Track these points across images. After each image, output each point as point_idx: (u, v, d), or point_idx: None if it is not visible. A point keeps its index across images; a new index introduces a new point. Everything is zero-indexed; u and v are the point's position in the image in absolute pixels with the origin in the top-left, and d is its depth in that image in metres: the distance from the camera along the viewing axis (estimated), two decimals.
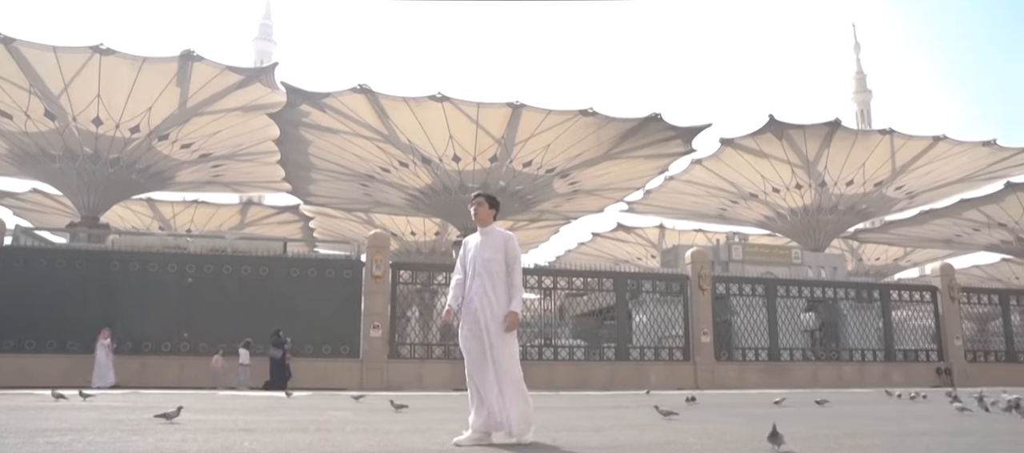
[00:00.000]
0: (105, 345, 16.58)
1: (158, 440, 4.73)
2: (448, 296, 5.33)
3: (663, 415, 7.01)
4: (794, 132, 35.36)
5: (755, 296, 22.65)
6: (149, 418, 6.34)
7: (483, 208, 5.33)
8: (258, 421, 6.40)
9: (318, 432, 5.53)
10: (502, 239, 5.21)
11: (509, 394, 4.81)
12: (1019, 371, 23.56)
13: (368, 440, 5.02)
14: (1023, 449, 4.97)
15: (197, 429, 5.49)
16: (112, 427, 5.51)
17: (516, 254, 5.18)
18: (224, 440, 4.80)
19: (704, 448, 4.65)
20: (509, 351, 4.93)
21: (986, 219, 41.41)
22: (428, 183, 34.37)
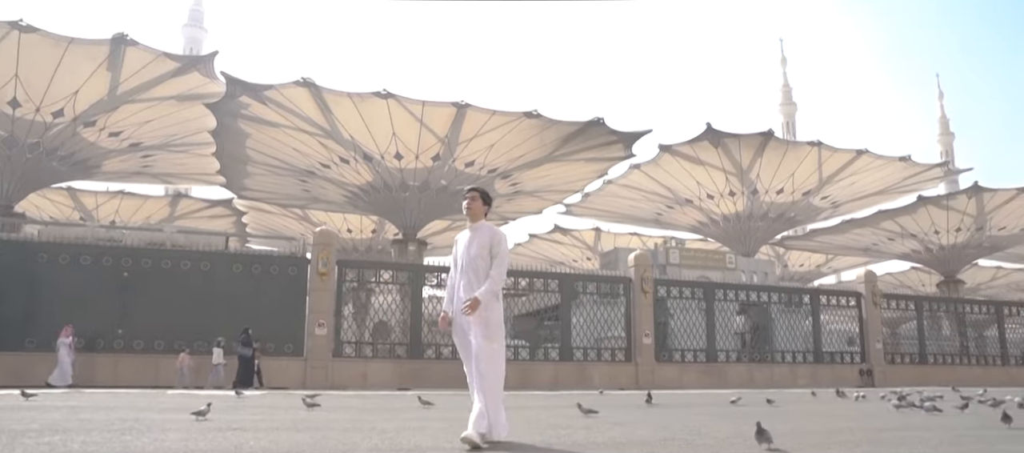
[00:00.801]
0: (67, 343, 15.83)
1: (155, 439, 4.59)
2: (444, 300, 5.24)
3: (648, 402, 7.18)
4: (730, 141, 36.61)
5: (694, 299, 23.29)
6: (123, 418, 6.13)
7: (476, 203, 5.18)
8: (246, 420, 6.25)
9: (317, 431, 5.46)
10: (489, 235, 5.07)
11: (491, 396, 4.70)
12: (930, 372, 25.00)
13: (372, 439, 4.98)
14: (988, 443, 5.34)
15: (187, 428, 5.34)
16: (103, 427, 5.30)
17: (501, 249, 5.01)
18: (225, 440, 4.69)
19: (705, 446, 4.82)
20: (489, 353, 4.79)
21: (900, 229, 43.80)
22: (369, 180, 33.99)
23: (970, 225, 41.45)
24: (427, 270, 20.24)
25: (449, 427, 5.65)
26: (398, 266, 19.80)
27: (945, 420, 7.40)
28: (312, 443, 4.67)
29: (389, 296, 20.19)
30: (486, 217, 5.29)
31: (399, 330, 20.21)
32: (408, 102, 29.07)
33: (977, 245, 43.34)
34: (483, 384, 4.69)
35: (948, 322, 30.83)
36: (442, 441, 4.87)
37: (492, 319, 4.88)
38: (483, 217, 5.22)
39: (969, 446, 5.15)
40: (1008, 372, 26.47)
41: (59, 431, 4.99)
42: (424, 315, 19.54)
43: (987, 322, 29.17)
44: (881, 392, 16.26)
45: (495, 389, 4.74)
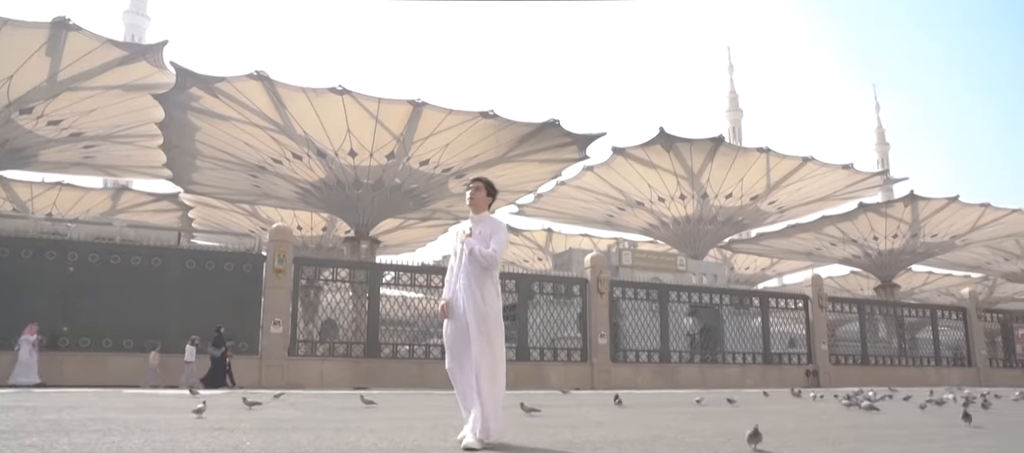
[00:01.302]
0: (30, 341, 15.12)
1: (148, 439, 4.46)
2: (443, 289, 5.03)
3: (617, 402, 7.27)
4: (682, 145, 37.31)
5: (649, 300, 23.67)
6: (92, 417, 5.92)
7: (480, 193, 5.02)
8: (233, 419, 6.11)
9: (308, 431, 5.38)
10: (491, 227, 4.92)
11: (488, 395, 4.57)
12: (871, 372, 26.00)
13: (371, 439, 4.93)
14: (955, 438, 5.60)
15: (172, 428, 5.19)
16: (80, 428, 5.12)
17: (501, 238, 4.89)
18: (218, 440, 4.59)
19: (698, 444, 4.93)
20: (492, 350, 4.66)
21: (842, 235, 45.38)
22: (321, 177, 33.47)
23: (906, 232, 43.19)
24: (385, 269, 20.04)
25: (434, 426, 5.63)
26: (356, 265, 19.56)
27: (910, 418, 7.73)
28: (310, 443, 4.60)
29: (346, 295, 19.98)
30: (490, 209, 5.15)
31: (351, 329, 19.93)
32: (364, 99, 28.73)
33: (912, 251, 45.19)
34: (483, 384, 4.54)
35: (884, 324, 32.10)
36: (437, 440, 4.85)
37: (491, 314, 4.72)
38: (487, 208, 5.08)
39: (941, 443, 5.39)
40: (940, 372, 27.66)
41: (35, 432, 4.80)
42: (381, 314, 19.38)
43: (921, 325, 30.45)
44: (834, 391, 16.82)
45: (498, 389, 4.63)
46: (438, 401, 9.76)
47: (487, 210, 5.08)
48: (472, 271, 4.75)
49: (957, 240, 44.39)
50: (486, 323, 4.69)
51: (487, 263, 4.76)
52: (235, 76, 27.29)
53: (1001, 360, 30.67)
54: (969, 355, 28.90)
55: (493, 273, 4.83)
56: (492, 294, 4.79)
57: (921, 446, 5.06)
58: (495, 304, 4.79)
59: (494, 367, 4.67)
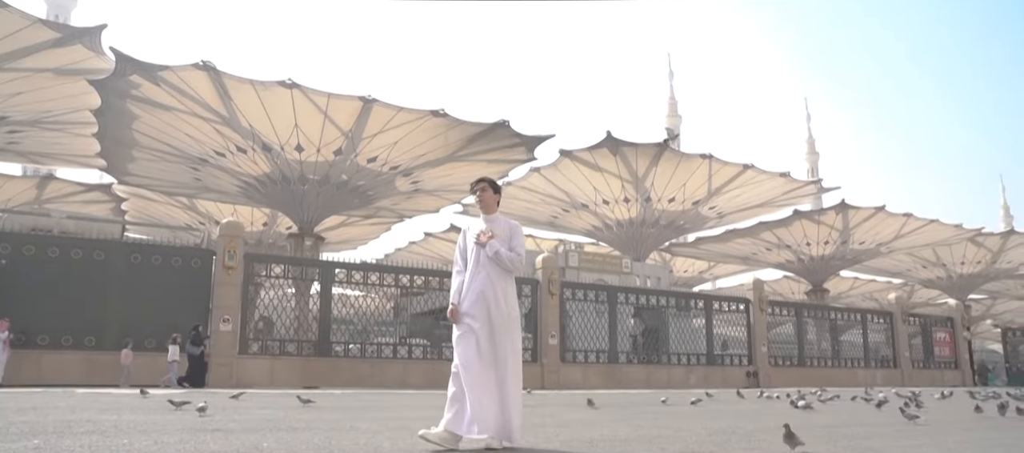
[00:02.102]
0: (2, 339, 14.28)
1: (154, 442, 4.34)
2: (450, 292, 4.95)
3: (590, 405, 7.39)
4: (627, 149, 37.98)
5: (598, 302, 24.04)
6: (67, 419, 5.70)
7: (488, 193, 4.99)
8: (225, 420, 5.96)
9: (316, 431, 5.30)
10: (507, 228, 4.90)
11: (513, 398, 4.57)
12: (807, 374, 27.08)
13: (383, 438, 4.91)
14: (894, 439, 5.95)
15: (163, 429, 5.05)
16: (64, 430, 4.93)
17: (519, 242, 4.92)
18: (228, 441, 4.50)
19: (693, 441, 5.08)
20: (516, 352, 4.69)
21: (777, 240, 47.03)
22: (266, 172, 32.72)
23: (837, 239, 45.07)
24: (338, 266, 19.77)
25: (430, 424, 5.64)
26: (309, 262, 19.21)
27: (878, 417, 8.14)
28: (321, 444, 4.57)
29: (288, 291, 19.61)
30: (498, 206, 5.10)
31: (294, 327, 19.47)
32: (313, 93, 28.21)
33: (842, 257, 47.18)
34: (511, 387, 4.56)
35: (814, 327, 33.43)
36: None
37: (515, 316, 4.75)
38: (496, 207, 5.05)
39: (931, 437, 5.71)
40: (869, 373, 29.04)
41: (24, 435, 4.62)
42: (333, 313, 19.12)
43: (850, 327, 31.83)
44: (775, 391, 17.46)
45: (520, 392, 4.67)
46: (385, 400, 9.71)
47: (497, 209, 5.04)
48: (494, 272, 4.72)
49: (882, 247, 46.55)
50: (512, 325, 4.70)
51: (513, 266, 4.78)
52: (179, 65, 26.40)
53: (921, 361, 32.35)
54: (894, 357, 30.39)
55: (512, 275, 4.83)
56: (513, 295, 4.81)
57: (896, 441, 5.36)
58: (516, 305, 4.82)
59: (519, 370, 4.70)
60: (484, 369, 4.59)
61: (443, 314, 24.26)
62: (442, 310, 25.50)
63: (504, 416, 4.52)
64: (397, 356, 19.96)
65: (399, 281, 20.70)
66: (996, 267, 53.62)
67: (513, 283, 4.81)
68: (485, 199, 4.99)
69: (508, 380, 4.58)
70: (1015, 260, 53.19)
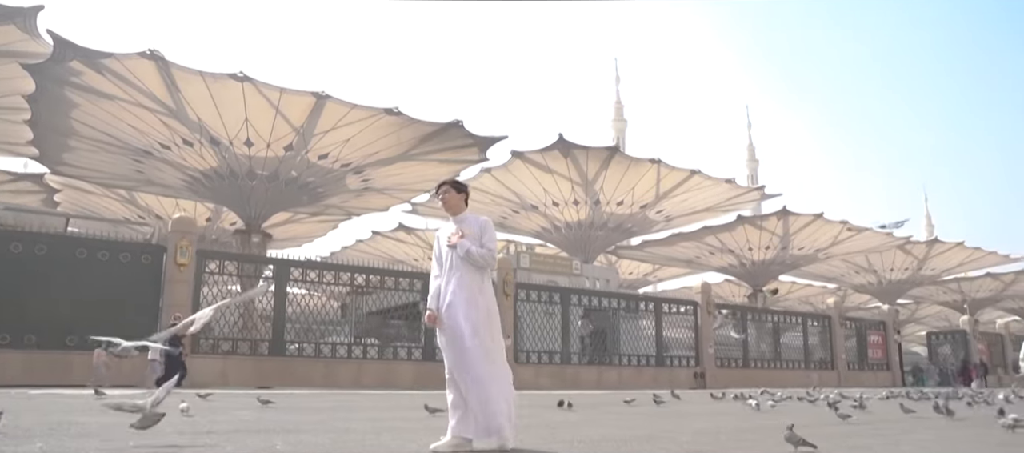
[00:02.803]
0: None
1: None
2: (428, 298, 4.95)
3: (564, 406, 7.50)
4: (578, 152, 38.41)
5: (551, 303, 24.29)
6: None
7: (451, 195, 4.94)
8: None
9: (312, 433, 5.25)
10: (478, 226, 4.82)
11: (495, 397, 4.48)
12: (751, 375, 27.96)
13: (388, 438, 4.90)
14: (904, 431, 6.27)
15: (157, 430, 4.93)
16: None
17: (493, 235, 4.86)
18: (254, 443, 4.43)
19: (686, 439, 5.24)
20: (492, 350, 4.60)
21: (721, 245, 48.28)
22: (213, 166, 31.88)
23: (777, 244, 46.54)
24: (293, 265, 19.45)
25: (422, 427, 5.67)
26: (263, 259, 18.83)
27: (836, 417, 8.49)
28: (332, 445, 4.55)
29: (228, 288, 19.21)
30: (466, 205, 5.05)
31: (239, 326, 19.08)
32: (265, 88, 27.65)
33: (781, 262, 48.75)
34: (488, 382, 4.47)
35: (755, 329, 34.49)
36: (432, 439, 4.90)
37: (494, 311, 4.70)
38: (464, 206, 5.00)
39: (893, 435, 6.02)
40: (808, 374, 30.09)
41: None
42: (287, 312, 18.79)
43: (788, 329, 32.94)
44: (733, 392, 17.94)
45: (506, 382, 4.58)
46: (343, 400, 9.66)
47: (465, 208, 5.00)
48: (467, 272, 4.67)
49: (820, 253, 48.30)
50: (492, 320, 4.67)
51: (484, 262, 4.70)
52: (125, 53, 25.49)
53: (856, 363, 33.73)
54: (832, 359, 31.60)
55: (487, 271, 4.77)
56: (489, 291, 4.76)
57: (872, 439, 5.64)
58: (494, 301, 4.77)
59: (500, 368, 4.63)
60: (466, 372, 4.59)
61: (393, 314, 24.24)
62: (392, 310, 25.51)
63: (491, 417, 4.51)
64: (351, 356, 19.75)
65: (354, 280, 20.51)
66: (921, 273, 56.27)
67: (489, 280, 4.79)
68: (449, 201, 4.95)
69: (488, 380, 4.52)
70: (938, 267, 55.96)
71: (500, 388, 4.60)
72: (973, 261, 55.03)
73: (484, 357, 4.58)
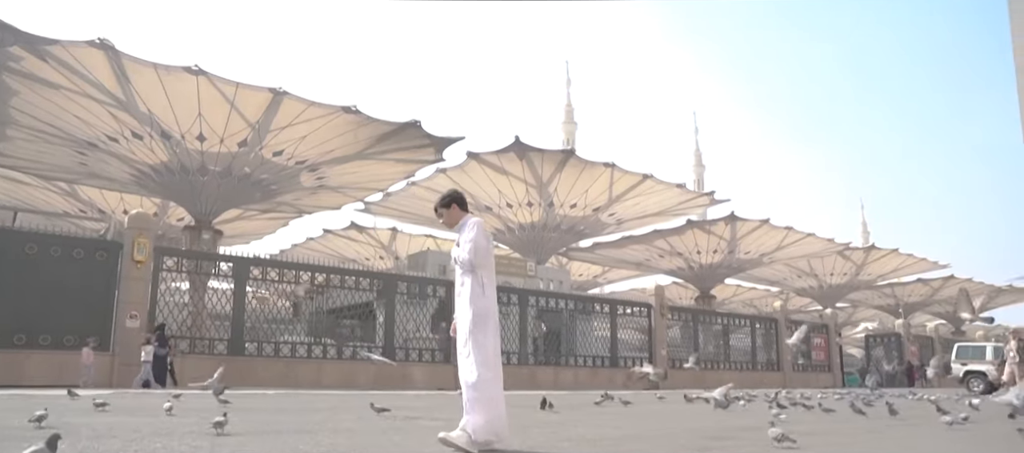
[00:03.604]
0: None
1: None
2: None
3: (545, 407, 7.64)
4: (534, 154, 38.78)
5: (510, 304, 24.49)
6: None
7: (444, 213, 5.01)
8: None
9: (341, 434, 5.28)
10: (466, 230, 4.86)
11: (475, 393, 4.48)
12: (702, 376, 28.55)
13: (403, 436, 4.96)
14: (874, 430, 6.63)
15: (172, 433, 4.89)
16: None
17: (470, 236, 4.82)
18: (280, 444, 4.46)
19: (678, 435, 5.45)
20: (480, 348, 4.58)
21: (670, 248, 49.29)
22: (163, 160, 31.05)
23: (725, 248, 47.80)
24: (254, 263, 19.16)
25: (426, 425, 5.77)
26: (224, 257, 18.47)
27: (813, 416, 8.89)
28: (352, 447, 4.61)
29: (194, 287, 18.89)
30: (464, 209, 5.05)
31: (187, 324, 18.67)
32: (221, 82, 27.10)
33: (728, 266, 50.07)
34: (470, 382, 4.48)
35: (702, 331, 35.38)
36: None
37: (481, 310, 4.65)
38: (461, 216, 4.98)
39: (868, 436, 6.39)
40: (756, 375, 31.06)
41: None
42: (247, 310, 18.50)
43: (735, 331, 33.90)
44: (694, 392, 18.40)
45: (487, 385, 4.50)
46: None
47: (463, 213, 5.00)
48: (461, 278, 4.80)
49: (765, 258, 49.80)
50: (485, 322, 4.64)
51: (464, 266, 4.76)
52: (72, 41, 24.66)
53: (801, 365, 34.92)
54: (778, 360, 32.65)
55: (478, 273, 4.76)
56: (478, 293, 4.72)
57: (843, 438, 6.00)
58: (482, 301, 4.70)
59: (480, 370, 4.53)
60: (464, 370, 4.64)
61: (345, 313, 24.00)
62: (344, 309, 25.33)
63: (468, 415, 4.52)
64: (311, 356, 19.57)
65: (314, 279, 20.31)
66: (859, 278, 58.56)
67: (479, 282, 4.73)
68: (446, 219, 5.01)
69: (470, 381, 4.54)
70: (874, 272, 58.33)
71: (493, 388, 4.60)
72: (906, 267, 57.54)
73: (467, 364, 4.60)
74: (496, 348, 4.71)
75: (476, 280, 4.73)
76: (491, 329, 4.70)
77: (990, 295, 67.73)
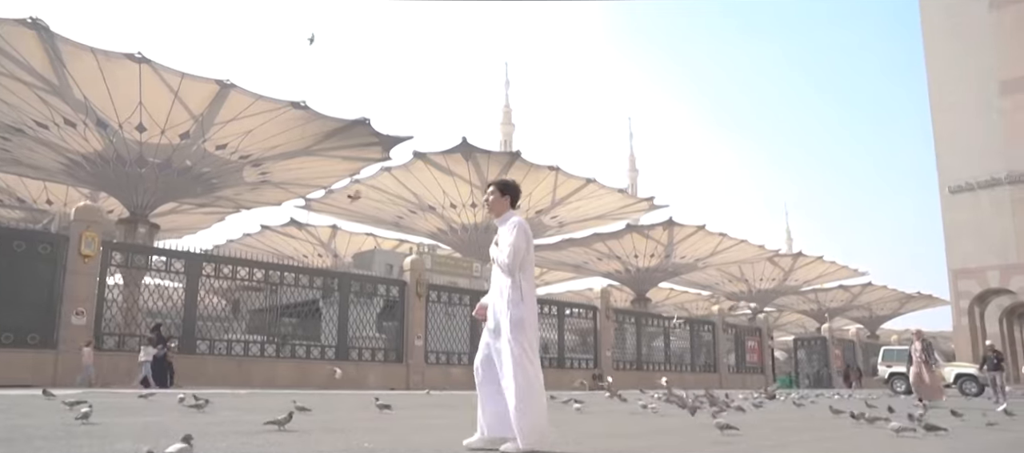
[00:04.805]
0: None
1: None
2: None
3: None
4: (480, 156, 38.92)
5: (462, 305, 24.58)
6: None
7: (495, 197, 4.89)
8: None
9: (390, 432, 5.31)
10: (509, 227, 4.74)
11: (520, 400, 4.39)
12: (645, 377, 29.36)
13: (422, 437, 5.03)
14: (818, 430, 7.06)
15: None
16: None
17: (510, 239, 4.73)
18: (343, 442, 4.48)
19: (672, 432, 5.72)
20: (520, 354, 4.48)
21: (608, 251, 50.27)
22: (97, 149, 29.81)
23: (662, 252, 49.06)
24: (206, 259, 18.68)
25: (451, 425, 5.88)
26: (175, 253, 17.89)
27: (780, 411, 9.39)
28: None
29: (127, 283, 18.34)
30: (514, 208, 4.94)
31: (120, 321, 18.08)
32: (165, 71, 26.22)
33: (664, 270, 51.40)
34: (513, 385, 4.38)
35: (636, 332, 36.25)
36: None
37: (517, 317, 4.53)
38: (508, 209, 4.89)
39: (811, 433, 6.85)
40: (695, 377, 32.05)
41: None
42: (198, 309, 18.02)
43: (676, 333, 34.92)
44: (655, 392, 18.90)
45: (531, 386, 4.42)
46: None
47: (510, 209, 4.91)
48: (498, 278, 4.72)
49: (700, 262, 51.35)
50: (518, 326, 4.54)
51: (504, 269, 4.67)
52: (1, 18, 23.41)
53: (734, 366, 36.23)
54: (715, 362, 33.80)
55: (516, 277, 4.67)
56: (517, 298, 4.62)
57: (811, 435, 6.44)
58: (520, 307, 4.59)
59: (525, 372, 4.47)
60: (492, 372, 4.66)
61: (285, 311, 23.63)
62: (288, 307, 24.92)
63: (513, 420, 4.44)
64: (264, 355, 19.22)
65: (269, 277, 19.95)
66: (786, 284, 61.04)
67: (517, 286, 4.64)
68: (494, 205, 4.92)
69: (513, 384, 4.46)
70: (801, 278, 60.94)
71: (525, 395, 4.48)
72: (829, 274, 60.37)
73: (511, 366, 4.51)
74: (536, 350, 4.65)
75: (515, 284, 4.64)
76: (531, 334, 4.62)
77: (901, 300, 71.85)
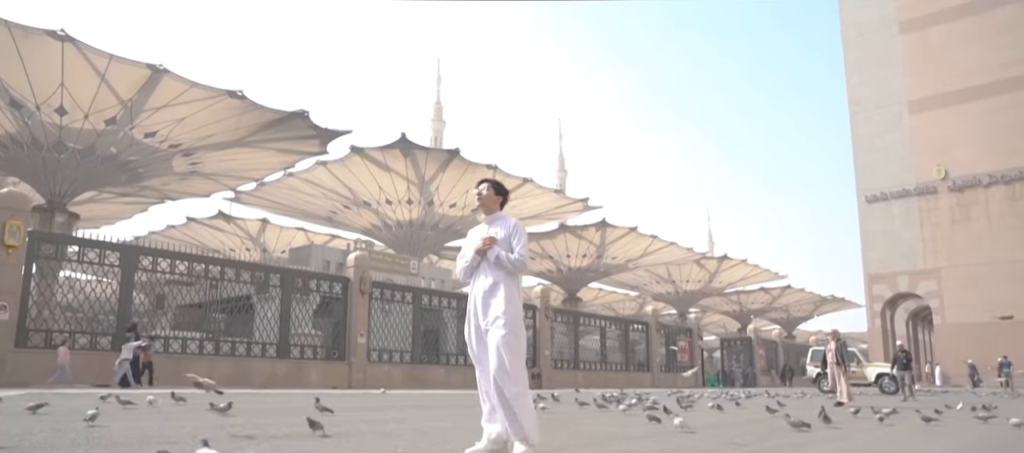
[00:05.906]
0: None
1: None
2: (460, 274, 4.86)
3: None
4: (419, 152, 38.64)
5: (404, 303, 24.29)
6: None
7: (488, 193, 4.88)
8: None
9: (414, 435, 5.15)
10: (507, 227, 4.72)
11: (519, 401, 4.39)
12: (582, 376, 29.83)
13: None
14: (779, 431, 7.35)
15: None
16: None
17: (523, 240, 4.72)
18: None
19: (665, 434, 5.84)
20: (511, 361, 4.44)
21: (541, 251, 50.68)
22: (10, 131, 28.03)
23: (594, 253, 49.83)
24: (144, 252, 17.80)
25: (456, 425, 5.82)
26: (109, 245, 16.92)
27: (742, 413, 9.68)
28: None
29: (96, 278, 17.38)
30: (501, 208, 4.95)
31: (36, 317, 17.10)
32: (91, 52, 24.91)
33: (595, 270, 52.22)
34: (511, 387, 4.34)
35: (566, 332, 36.69)
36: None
37: (518, 317, 4.55)
38: (498, 209, 4.91)
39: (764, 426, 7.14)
40: (629, 376, 32.71)
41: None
42: (135, 304, 17.16)
43: (610, 332, 35.50)
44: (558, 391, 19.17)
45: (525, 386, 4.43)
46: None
47: (499, 209, 4.92)
48: (496, 276, 4.62)
49: (630, 263, 52.41)
50: (514, 326, 4.50)
51: (515, 268, 4.64)
52: None
53: (665, 365, 37.12)
54: (648, 361, 34.55)
55: (516, 278, 4.68)
56: (516, 297, 4.63)
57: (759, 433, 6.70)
58: (517, 308, 4.60)
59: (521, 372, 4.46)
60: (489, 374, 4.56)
61: (215, 307, 22.86)
62: (217, 303, 24.06)
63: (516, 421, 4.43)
64: (204, 353, 18.50)
65: (209, 272, 19.21)
66: (711, 286, 62.99)
67: (517, 286, 4.68)
68: (485, 201, 4.91)
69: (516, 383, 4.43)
70: (725, 280, 63.00)
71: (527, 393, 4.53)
72: (752, 276, 62.66)
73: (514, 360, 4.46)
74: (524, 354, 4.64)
75: (514, 284, 4.64)
76: (522, 337, 4.62)
77: (816, 303, 75.27)
